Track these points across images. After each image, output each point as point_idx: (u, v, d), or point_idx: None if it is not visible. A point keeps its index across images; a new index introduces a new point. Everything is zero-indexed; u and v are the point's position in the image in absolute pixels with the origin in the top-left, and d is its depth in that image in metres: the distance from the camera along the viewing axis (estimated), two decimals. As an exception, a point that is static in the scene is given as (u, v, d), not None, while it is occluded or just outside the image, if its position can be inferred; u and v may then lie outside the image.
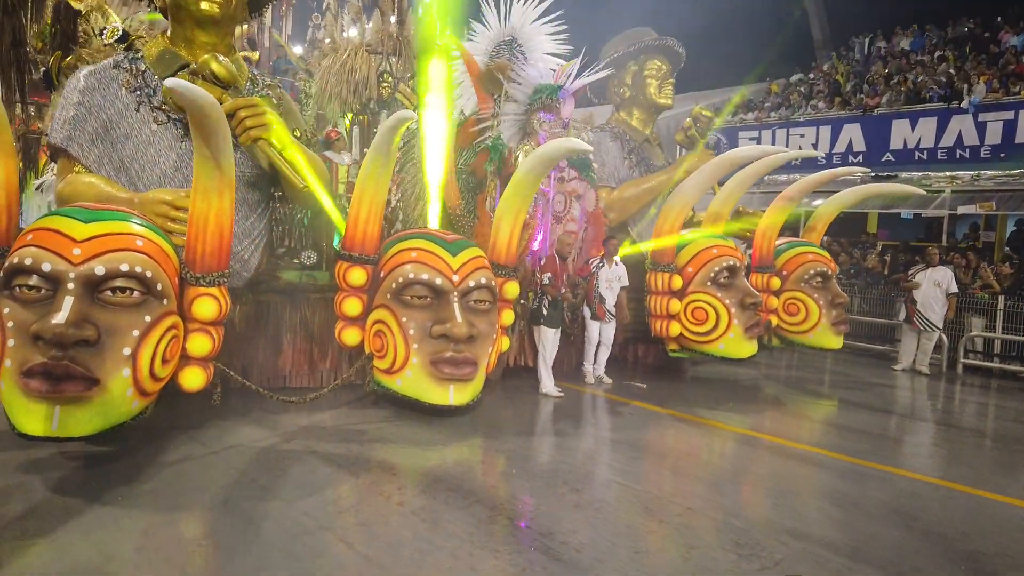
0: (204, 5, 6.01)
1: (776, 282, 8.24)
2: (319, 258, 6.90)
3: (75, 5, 7.26)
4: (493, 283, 5.97)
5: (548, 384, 6.92)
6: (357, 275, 5.83)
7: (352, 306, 5.86)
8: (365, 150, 9.22)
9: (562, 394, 6.91)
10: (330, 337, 6.46)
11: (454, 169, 7.23)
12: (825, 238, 9.42)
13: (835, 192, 9.24)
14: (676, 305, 7.46)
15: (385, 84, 8.63)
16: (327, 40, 10.87)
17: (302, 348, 6.56)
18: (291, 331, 6.53)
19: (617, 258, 7.46)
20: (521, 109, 7.16)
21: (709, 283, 7.39)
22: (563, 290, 6.80)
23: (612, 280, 7.34)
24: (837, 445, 5.90)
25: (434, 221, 6.64)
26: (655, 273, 7.52)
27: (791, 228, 9.95)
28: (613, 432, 6.08)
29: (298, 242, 7.23)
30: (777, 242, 8.41)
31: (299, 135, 6.58)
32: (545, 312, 6.88)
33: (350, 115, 9.10)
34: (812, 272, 8.32)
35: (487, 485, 4.64)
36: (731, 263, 7.38)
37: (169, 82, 4.23)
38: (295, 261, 6.93)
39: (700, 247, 7.50)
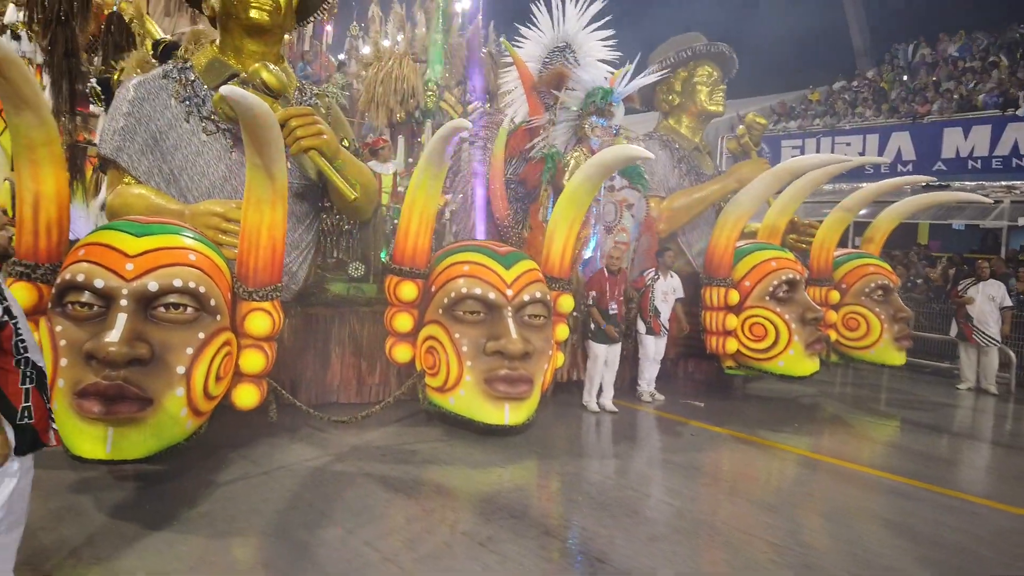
0: (254, 13, 5.89)
1: (835, 295, 7.93)
2: (367, 270, 6.75)
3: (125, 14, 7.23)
4: (548, 297, 5.76)
5: (591, 400, 6.71)
6: (408, 290, 5.66)
7: (403, 322, 5.69)
8: (409, 160, 9.18)
9: (616, 411, 6.67)
10: (379, 351, 6.31)
11: (503, 178, 7.06)
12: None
13: (893, 202, 8.88)
14: (733, 320, 7.17)
15: (430, 93, 8.50)
16: (365, 49, 10.85)
17: (351, 363, 6.40)
18: (340, 345, 6.38)
19: (672, 271, 7.21)
20: (573, 115, 6.95)
21: (768, 297, 7.09)
22: (613, 308, 6.54)
23: (667, 292, 7.09)
24: (900, 468, 5.63)
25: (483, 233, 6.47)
26: (710, 287, 7.25)
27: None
28: (669, 452, 5.83)
29: (345, 253, 7.11)
30: (835, 253, 8.10)
31: (347, 145, 6.45)
32: (592, 326, 6.65)
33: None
34: (873, 285, 7.99)
35: (544, 509, 4.45)
36: (791, 276, 7.09)
37: (224, 90, 4.11)
38: (343, 273, 6.80)
39: (758, 260, 7.21)
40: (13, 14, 10.74)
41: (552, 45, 7.24)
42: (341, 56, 14.54)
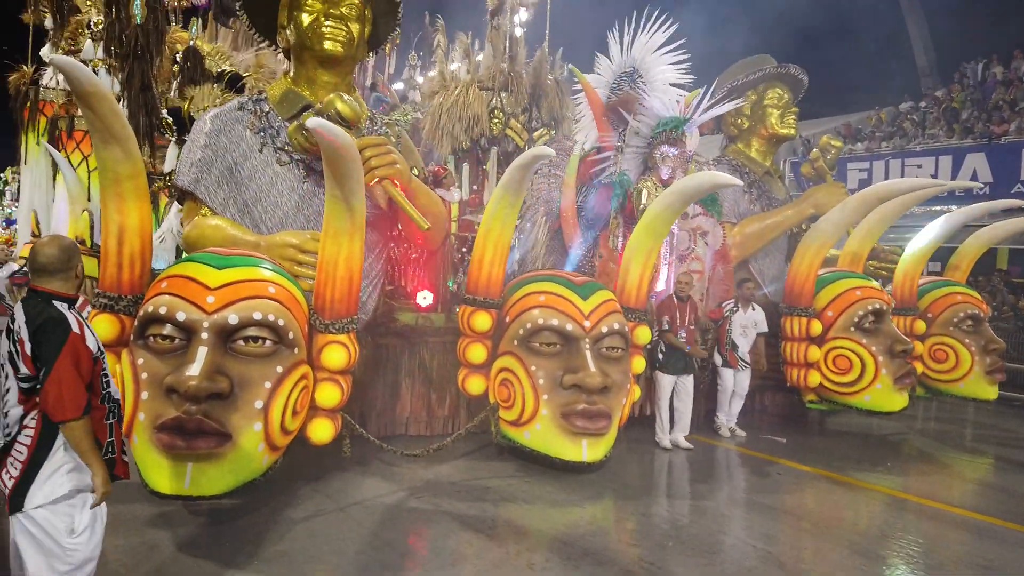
0: (328, 44, 5.92)
1: (921, 326, 7.53)
2: (435, 300, 6.66)
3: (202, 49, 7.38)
4: (626, 328, 5.56)
5: (663, 436, 6.41)
6: (482, 320, 5.53)
7: (477, 353, 5.56)
8: (474, 187, 9.13)
9: (691, 447, 6.38)
10: (449, 383, 6.20)
11: (574, 205, 6.92)
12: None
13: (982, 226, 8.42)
14: (815, 352, 6.84)
15: (496, 120, 8.44)
16: (426, 75, 10.86)
17: (420, 394, 6.29)
18: (409, 376, 6.28)
19: (754, 303, 6.92)
20: (643, 142, 6.79)
21: (853, 328, 6.75)
22: (681, 335, 6.29)
23: (747, 326, 6.80)
24: (992, 508, 5.29)
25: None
26: (791, 317, 6.94)
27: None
28: (751, 491, 5.55)
29: (413, 282, 7.05)
30: (920, 282, 7.71)
31: (416, 173, 6.41)
32: (661, 356, 6.39)
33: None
34: (962, 315, 7.55)
35: (624, 551, 4.25)
36: (877, 306, 6.74)
37: (311, 122, 4.07)
38: (411, 302, 6.73)
39: (841, 289, 6.89)
40: (90, 50, 11.17)
41: (621, 70, 7.11)
42: (399, 85, 14.71)
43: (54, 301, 2.65)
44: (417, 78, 14.53)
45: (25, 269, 8.32)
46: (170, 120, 7.38)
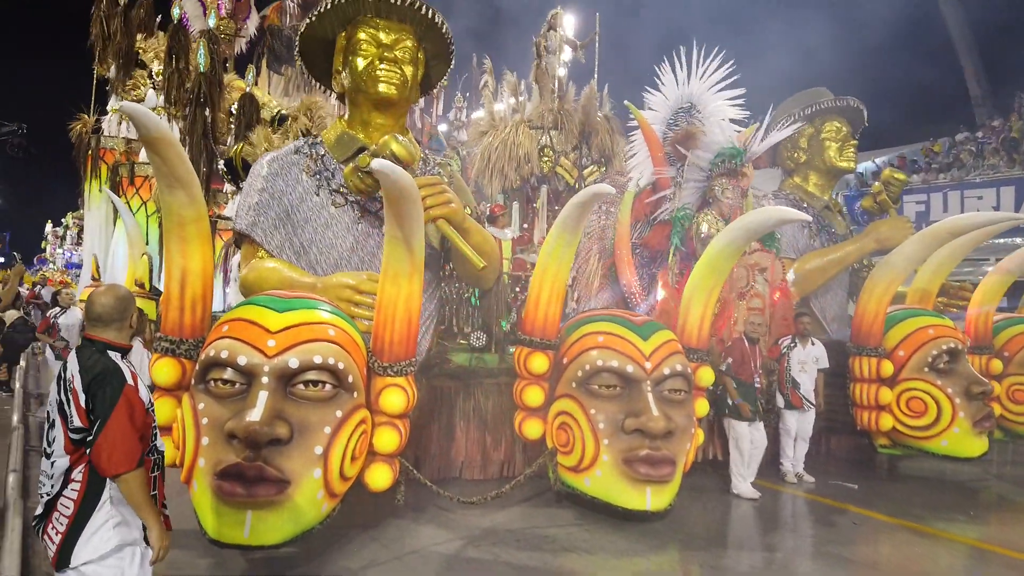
0: (383, 87, 5.96)
1: (997, 365, 7.15)
2: (489, 340, 6.56)
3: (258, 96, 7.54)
4: (688, 370, 5.37)
5: (741, 485, 6.11)
6: (539, 361, 5.39)
7: (534, 395, 5.41)
8: (524, 226, 9.08)
9: (758, 495, 6.09)
10: (504, 426, 6.06)
11: (629, 243, 6.79)
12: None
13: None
14: (887, 394, 6.52)
15: (546, 158, 8.42)
16: (471, 116, 10.93)
17: (475, 438, 6.15)
18: (464, 419, 6.15)
19: (813, 338, 6.66)
20: (702, 175, 6.65)
21: (926, 369, 6.43)
22: (757, 379, 6.05)
23: (807, 362, 6.53)
24: None
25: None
26: (860, 357, 6.64)
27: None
28: (821, 541, 5.22)
29: (464, 322, 6.98)
30: (994, 318, 7.34)
31: (469, 212, 6.38)
32: (731, 402, 6.14)
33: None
34: (1042, 353, 7.15)
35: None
36: (951, 345, 6.42)
37: (376, 163, 4.06)
38: (463, 342, 6.64)
39: (913, 327, 6.58)
40: (152, 98, 11.59)
41: (677, 106, 7.02)
42: (443, 126, 14.90)
43: (109, 351, 2.62)
44: (463, 118, 14.71)
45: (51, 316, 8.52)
46: (224, 170, 7.53)
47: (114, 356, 2.64)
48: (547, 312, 5.41)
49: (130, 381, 2.60)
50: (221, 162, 8.11)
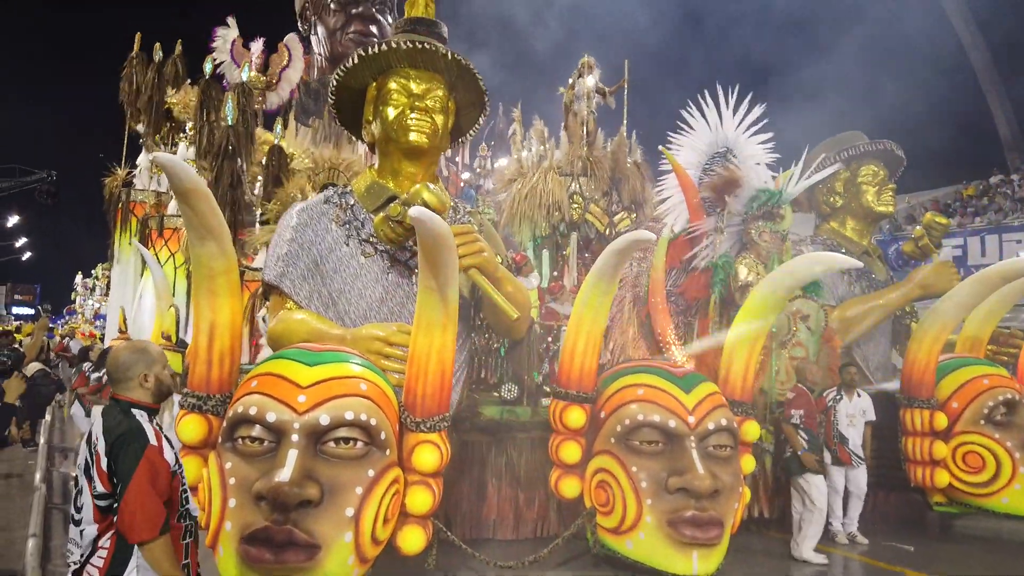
0: (413, 136, 5.92)
1: (1056, 416, 6.76)
2: (520, 392, 6.35)
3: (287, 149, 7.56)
4: (734, 424, 5.11)
5: (806, 548, 5.74)
6: (575, 416, 5.16)
7: (570, 452, 5.17)
8: (554, 273, 8.93)
9: (826, 560, 5.71)
10: (537, 483, 5.81)
11: (664, 291, 6.60)
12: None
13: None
14: (941, 449, 6.18)
15: (575, 205, 8.31)
16: (497, 164, 10.92)
17: (508, 495, 5.91)
18: (496, 476, 5.93)
19: (860, 389, 6.37)
20: (738, 219, 6.48)
21: (982, 421, 6.11)
22: (821, 433, 5.77)
23: (855, 415, 6.23)
24: None
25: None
26: (911, 409, 6.31)
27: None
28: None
29: (494, 373, 6.78)
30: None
31: (501, 261, 6.25)
32: (793, 452, 5.84)
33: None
34: (1105, 405, 6.77)
35: None
36: (1009, 396, 6.11)
37: (413, 211, 3.94)
38: (494, 394, 6.44)
39: (966, 377, 6.28)
40: (183, 151, 11.73)
41: (711, 151, 6.89)
42: (466, 175, 14.95)
43: (133, 410, 2.48)
44: (489, 167, 14.76)
45: (102, 376, 8.42)
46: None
47: (139, 416, 2.50)
48: (583, 363, 5.20)
49: (153, 441, 2.46)
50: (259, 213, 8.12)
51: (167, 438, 2.56)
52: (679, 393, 5.04)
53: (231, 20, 9.63)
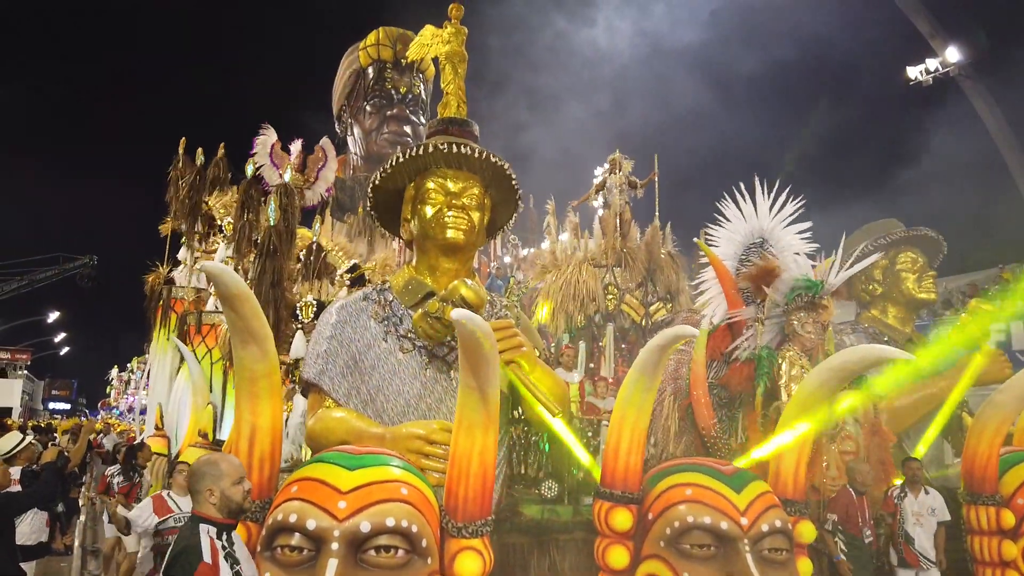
0: (451, 233, 6.02)
1: None
2: (561, 489, 6.16)
3: (325, 245, 7.72)
4: (788, 525, 4.87)
5: None
6: (622, 518, 4.97)
7: (618, 556, 4.94)
8: (591, 365, 8.84)
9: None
10: (582, 589, 5.54)
11: (705, 384, 6.46)
12: None
13: None
14: (1011, 548, 5.80)
15: (611, 296, 8.30)
16: (524, 254, 11.01)
17: (552, 602, 5.63)
18: (539, 580, 5.66)
19: (927, 486, 6.09)
20: (778, 311, 6.39)
21: (1052, 518, 5.75)
22: (867, 535, 5.47)
23: (922, 513, 5.93)
24: None
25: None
26: (975, 506, 5.97)
27: None
28: None
29: (532, 468, 6.61)
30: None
31: (539, 355, 6.20)
32: (844, 556, 5.54)
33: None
34: None
35: None
36: (1079, 491, 5.76)
37: (456, 313, 3.94)
38: (534, 492, 6.25)
39: (1030, 471, 5.97)
40: (223, 250, 12.05)
41: (748, 241, 6.89)
42: (494, 265, 15.12)
43: (201, 525, 2.44)
44: (522, 254, 14.94)
45: (134, 477, 8.38)
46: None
47: (204, 531, 2.45)
48: (628, 462, 5.05)
49: (207, 559, 2.40)
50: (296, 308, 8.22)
51: (230, 554, 2.49)
52: (729, 493, 4.84)
53: (268, 127, 10.09)
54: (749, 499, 4.83)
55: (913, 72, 26.25)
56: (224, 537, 2.49)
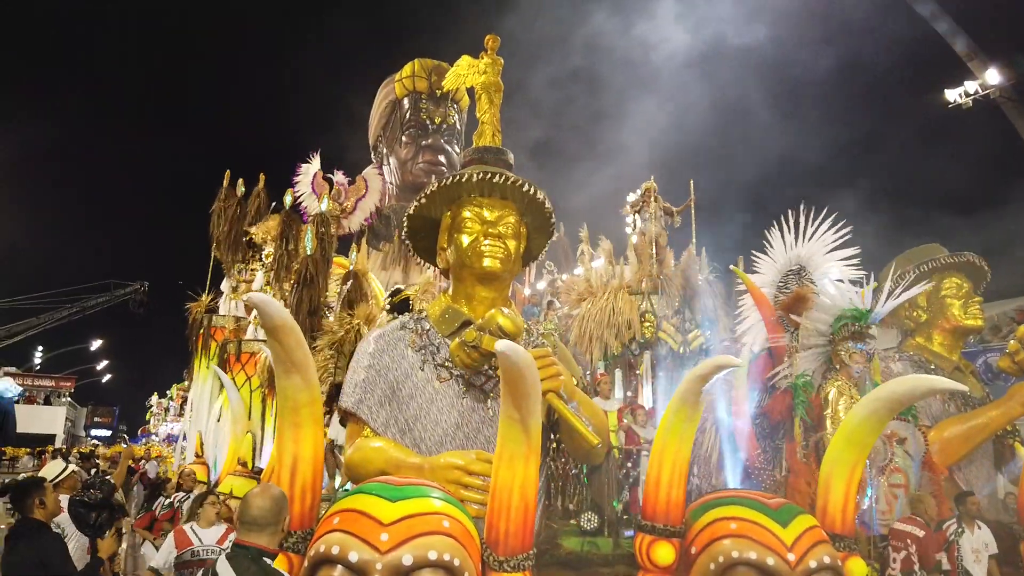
0: (487, 262, 6.04)
1: None
2: (600, 521, 6.08)
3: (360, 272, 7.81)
4: (838, 562, 4.70)
5: None
6: (664, 551, 4.84)
7: (661, 592, 4.83)
8: (629, 394, 8.75)
9: None
10: (624, 625, 5.43)
11: (748, 413, 6.34)
12: None
13: None
14: (1074, 586, 5.57)
15: (647, 324, 8.23)
16: (554, 280, 10.97)
17: (594, 639, 5.53)
18: (581, 617, 5.57)
19: (978, 520, 5.88)
20: (822, 340, 6.27)
21: (1117, 555, 5.51)
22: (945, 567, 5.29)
23: (979, 549, 5.72)
24: None
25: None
26: (1034, 541, 5.77)
27: None
28: None
29: (571, 499, 6.55)
30: None
31: (576, 383, 6.15)
32: None
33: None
34: None
35: None
36: None
37: (500, 344, 3.92)
38: (571, 523, 6.18)
39: (1092, 505, 5.72)
40: (261, 280, 12.25)
41: (786, 268, 6.81)
42: (527, 292, 15.10)
43: (264, 558, 2.43)
44: (559, 281, 14.92)
45: (172, 502, 8.43)
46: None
47: (269, 563, 2.45)
48: (670, 495, 4.94)
49: None
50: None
51: None
52: (775, 527, 4.69)
53: (315, 155, 10.30)
54: (796, 534, 4.68)
55: (952, 95, 25.87)
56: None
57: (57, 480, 7.40)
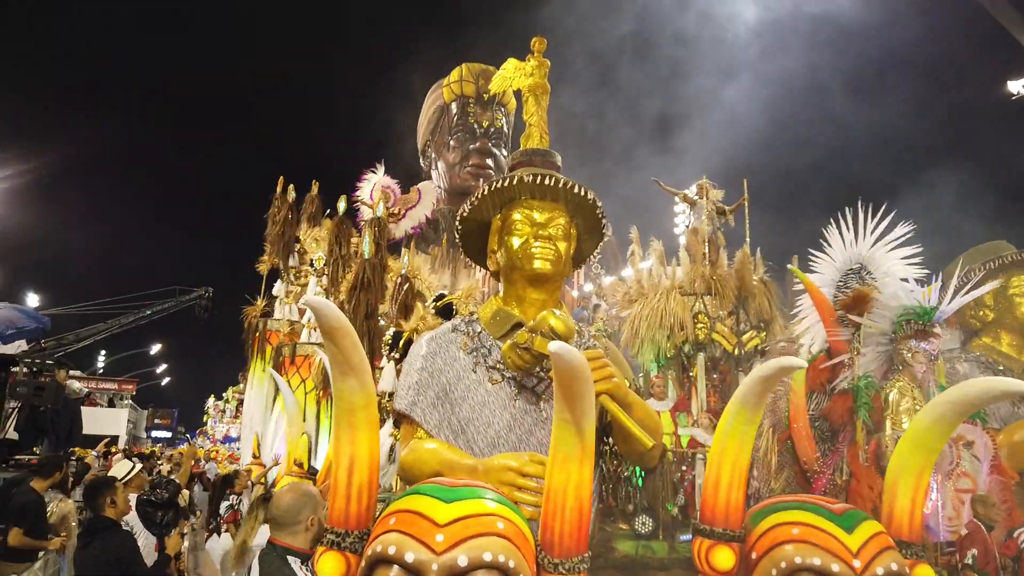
0: (538, 264, 6.00)
1: None
2: (655, 525, 6.00)
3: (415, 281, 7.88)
4: (906, 569, 4.53)
5: None
6: (724, 556, 4.70)
7: (720, 596, 4.73)
8: (682, 394, 8.64)
9: None
10: (681, 631, 5.35)
11: (806, 416, 6.19)
12: None
13: None
14: None
15: (701, 325, 8.11)
16: (606, 281, 10.89)
17: (650, 644, 5.45)
18: (636, 621, 5.50)
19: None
20: (884, 339, 6.09)
21: None
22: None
23: (1051, 559, 5.47)
24: None
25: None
26: (1116, 550, 5.50)
27: None
28: None
29: (625, 503, 6.47)
30: None
31: (629, 384, 6.08)
32: None
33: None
34: None
35: None
36: None
37: (553, 346, 3.89)
38: (623, 527, 6.11)
39: None
40: (314, 286, 12.49)
41: (845, 268, 6.63)
42: (576, 294, 15.06)
43: (289, 557, 2.46)
44: (604, 282, 14.85)
45: (231, 504, 8.63)
46: (389, 339, 7.78)
47: (293, 563, 2.48)
48: (729, 498, 4.80)
49: None
50: (389, 333, 8.40)
51: None
52: (840, 533, 4.53)
53: (379, 165, 10.50)
54: (862, 540, 4.51)
55: (1015, 86, 24.89)
56: (308, 567, 2.52)
57: (125, 479, 7.65)
